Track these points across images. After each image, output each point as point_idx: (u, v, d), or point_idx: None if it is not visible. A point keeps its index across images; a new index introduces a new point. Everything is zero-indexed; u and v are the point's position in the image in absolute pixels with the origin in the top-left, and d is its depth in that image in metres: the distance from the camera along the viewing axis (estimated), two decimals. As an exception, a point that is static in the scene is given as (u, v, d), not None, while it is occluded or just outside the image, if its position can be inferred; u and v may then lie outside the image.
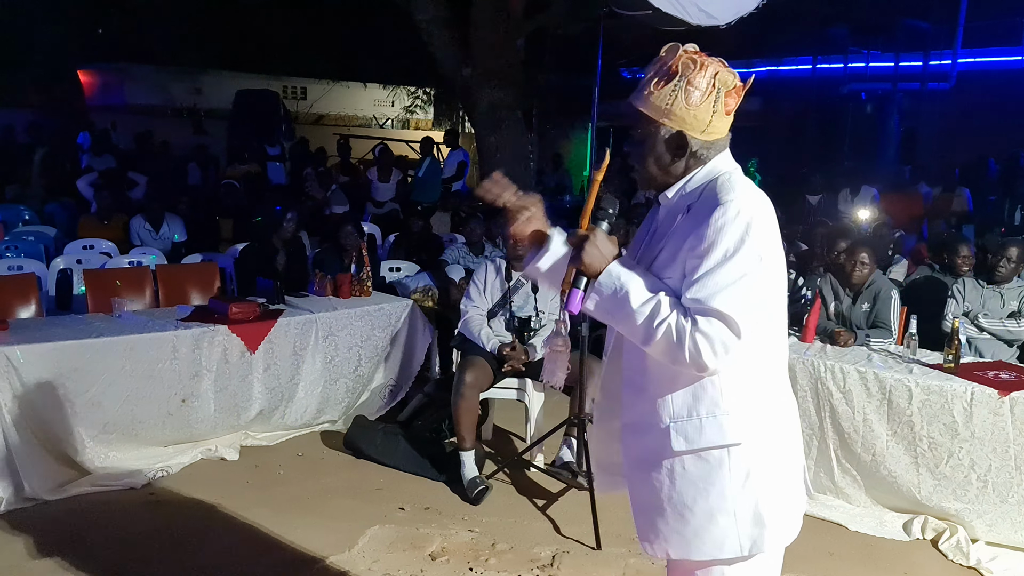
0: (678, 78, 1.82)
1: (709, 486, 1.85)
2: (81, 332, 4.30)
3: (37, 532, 3.70)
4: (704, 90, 1.82)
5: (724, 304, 1.73)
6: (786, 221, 8.18)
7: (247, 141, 12.87)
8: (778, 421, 1.91)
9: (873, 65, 15.25)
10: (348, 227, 6.09)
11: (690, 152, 1.88)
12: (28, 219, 8.46)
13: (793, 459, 1.95)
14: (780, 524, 1.89)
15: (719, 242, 1.75)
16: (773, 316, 1.85)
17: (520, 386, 4.75)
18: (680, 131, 1.86)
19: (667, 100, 1.83)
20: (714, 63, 1.84)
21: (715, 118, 1.85)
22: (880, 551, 3.87)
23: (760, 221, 1.78)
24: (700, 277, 1.76)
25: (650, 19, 4.38)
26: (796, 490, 1.95)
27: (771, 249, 1.80)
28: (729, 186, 1.83)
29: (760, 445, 1.86)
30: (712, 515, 1.85)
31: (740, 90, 1.87)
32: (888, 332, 4.57)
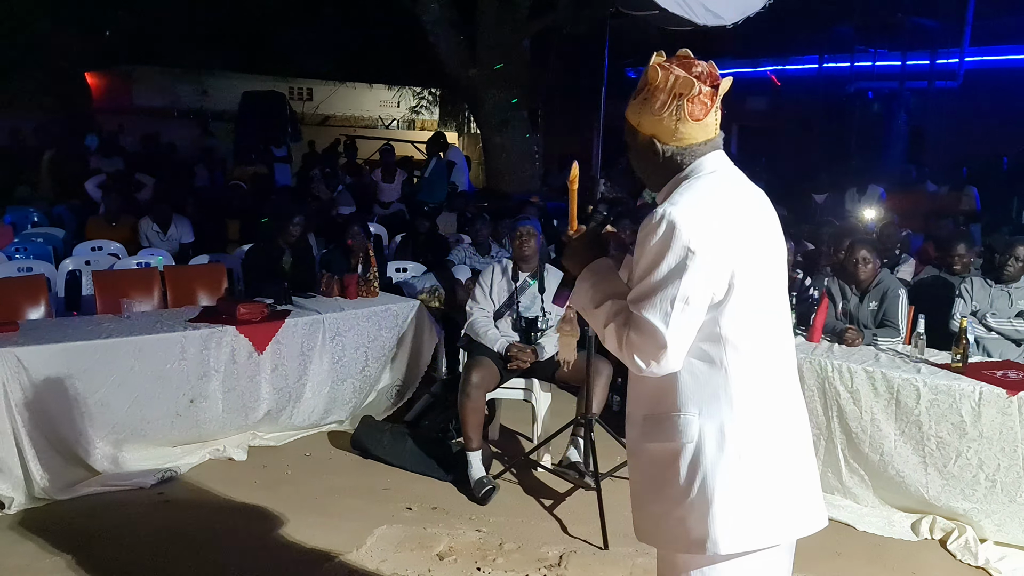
0: (646, 88, 1.91)
1: (666, 482, 1.90)
2: (90, 333, 4.32)
3: (48, 531, 3.73)
4: (663, 99, 1.89)
5: (649, 313, 1.80)
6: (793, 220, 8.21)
7: (254, 142, 12.91)
8: (751, 423, 1.86)
9: (880, 64, 15.18)
10: (355, 228, 6.11)
11: (664, 157, 1.94)
12: (37, 221, 8.50)
13: (774, 463, 1.89)
14: (734, 530, 1.84)
15: (645, 250, 1.82)
16: (741, 311, 1.84)
17: (527, 386, 4.76)
18: (651, 138, 1.94)
19: (640, 108, 1.93)
20: (678, 71, 1.87)
21: (680, 125, 1.89)
22: (888, 551, 3.86)
23: (688, 226, 1.78)
24: (635, 284, 1.86)
25: (656, 19, 4.38)
26: (776, 495, 1.88)
27: (707, 250, 1.78)
28: (677, 192, 1.89)
29: (716, 448, 1.84)
30: (668, 510, 1.90)
31: (709, 96, 1.89)
32: (896, 331, 4.57)
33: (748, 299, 1.85)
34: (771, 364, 1.92)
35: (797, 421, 1.97)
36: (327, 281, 5.45)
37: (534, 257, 4.79)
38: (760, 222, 1.93)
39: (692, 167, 1.93)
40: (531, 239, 4.77)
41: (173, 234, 7.52)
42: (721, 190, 1.89)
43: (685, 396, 1.87)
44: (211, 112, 21.24)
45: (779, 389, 1.93)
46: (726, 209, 1.85)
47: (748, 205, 1.93)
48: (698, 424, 1.85)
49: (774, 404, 1.91)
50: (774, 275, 1.94)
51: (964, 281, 4.98)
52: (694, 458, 1.86)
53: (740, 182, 1.97)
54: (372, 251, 5.61)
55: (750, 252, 1.86)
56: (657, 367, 1.82)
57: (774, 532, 1.89)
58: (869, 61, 15.26)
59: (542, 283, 4.75)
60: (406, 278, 6.61)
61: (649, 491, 1.96)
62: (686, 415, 1.86)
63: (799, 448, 1.96)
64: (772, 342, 1.92)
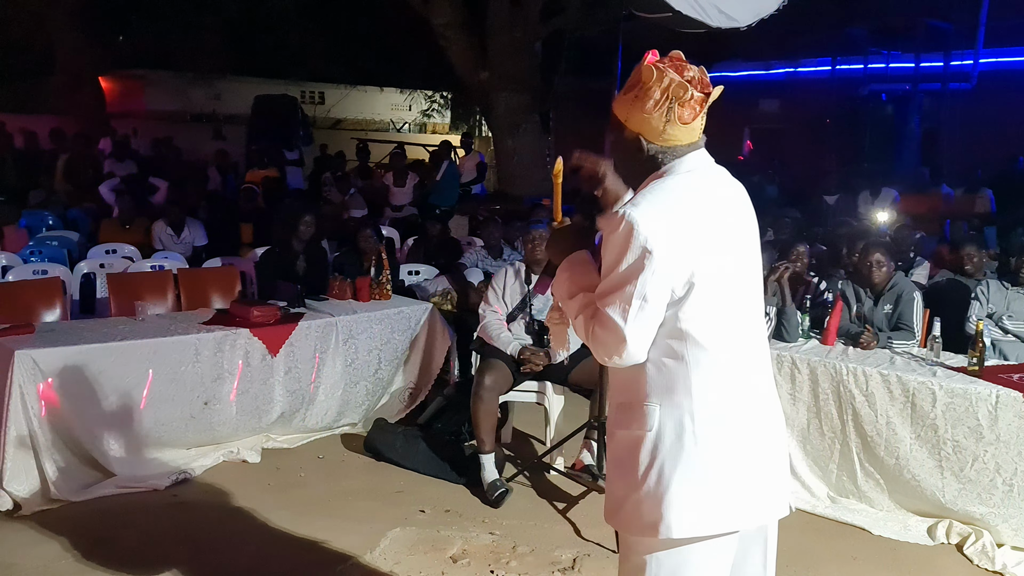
0: (639, 86, 1.94)
1: (629, 467, 1.98)
2: (105, 335, 4.34)
3: (63, 533, 3.74)
4: (656, 99, 1.93)
5: (610, 309, 1.89)
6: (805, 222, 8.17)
7: (266, 146, 12.96)
8: (713, 415, 1.92)
9: (893, 66, 15.13)
10: (367, 230, 6.12)
11: (647, 155, 1.99)
12: (52, 224, 8.55)
13: (736, 454, 1.95)
14: (686, 516, 1.91)
15: (607, 249, 1.91)
16: (705, 308, 1.91)
17: (540, 389, 4.75)
18: (638, 135, 1.98)
19: (628, 105, 1.97)
20: (673, 75, 1.92)
21: (668, 127, 1.95)
22: (904, 556, 3.84)
23: (646, 227, 1.84)
24: (601, 280, 1.94)
25: (669, 21, 4.37)
26: (734, 485, 1.94)
27: (664, 248, 1.84)
28: (641, 193, 1.95)
29: (674, 437, 1.92)
30: (626, 494, 1.98)
31: (700, 102, 1.95)
32: (911, 334, 4.54)
33: (711, 296, 1.93)
34: (735, 358, 1.98)
35: (763, 413, 2.03)
36: (340, 284, 5.45)
37: (546, 260, 4.78)
38: (729, 221, 2.00)
39: (669, 166, 1.98)
40: (543, 242, 4.76)
41: (186, 237, 7.56)
42: (686, 190, 1.95)
43: (650, 387, 1.96)
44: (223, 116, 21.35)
45: (743, 383, 1.99)
46: (687, 209, 1.91)
47: (716, 204, 1.98)
48: (659, 414, 1.94)
49: (736, 397, 1.97)
50: (742, 272, 2.01)
51: (980, 284, 4.95)
52: (653, 446, 1.94)
53: (715, 181, 2.02)
54: (384, 254, 5.62)
55: (713, 251, 1.93)
56: (620, 360, 1.92)
57: (728, 519, 1.95)
58: (882, 63, 15.21)
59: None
60: (418, 281, 6.62)
61: (615, 475, 2.05)
62: (650, 404, 1.95)
63: (762, 439, 2.01)
64: (737, 337, 1.99)
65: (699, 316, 1.92)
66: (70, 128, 15.13)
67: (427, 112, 27.57)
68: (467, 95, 17.93)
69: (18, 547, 3.62)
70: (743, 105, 14.97)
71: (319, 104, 26.64)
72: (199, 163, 13.03)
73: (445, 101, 26.74)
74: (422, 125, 28.28)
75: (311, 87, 26.10)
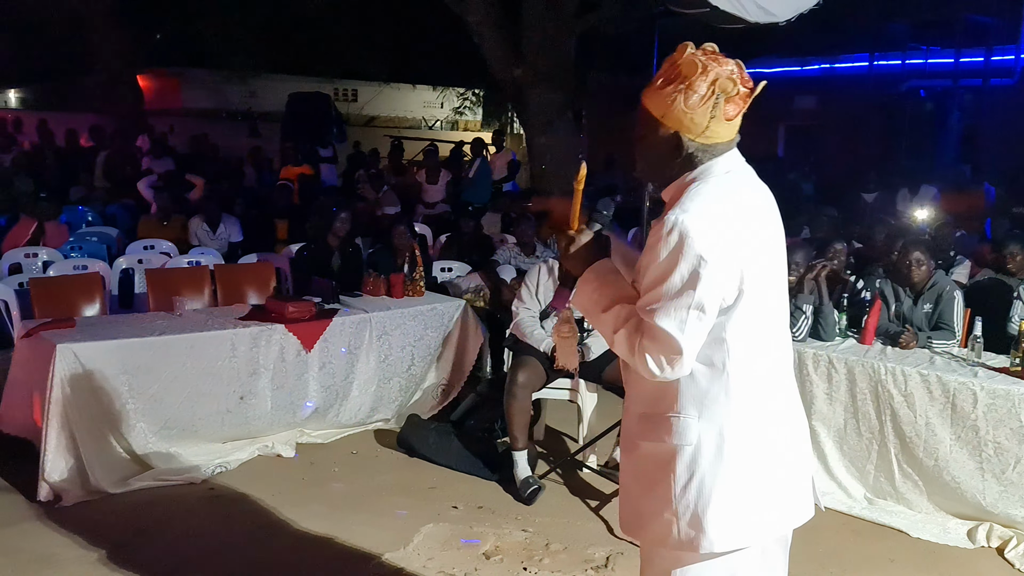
0: (680, 80, 1.84)
1: (657, 481, 1.92)
2: (144, 330, 4.40)
3: (102, 524, 3.80)
4: (703, 94, 1.84)
5: (663, 321, 1.80)
6: (843, 220, 8.06)
7: (300, 143, 13.06)
8: (747, 426, 1.89)
9: (932, 61, 14.88)
10: (401, 227, 6.14)
11: (685, 154, 1.90)
12: (91, 220, 8.69)
13: (768, 464, 1.92)
14: (725, 530, 1.87)
15: (656, 258, 1.81)
16: (745, 314, 1.86)
17: (573, 386, 4.74)
18: (677, 132, 1.88)
19: (668, 100, 1.86)
20: (719, 68, 1.84)
21: (713, 123, 1.86)
22: (943, 559, 3.78)
23: (700, 235, 1.78)
24: (645, 289, 1.85)
25: (707, 17, 4.32)
26: (767, 495, 1.91)
27: (718, 257, 1.78)
28: (687, 196, 1.86)
29: (713, 451, 1.87)
30: (658, 509, 1.92)
31: (744, 97, 1.87)
32: (951, 334, 4.46)
33: (754, 302, 1.88)
34: (769, 364, 1.95)
35: (792, 416, 2.00)
36: (374, 280, 5.48)
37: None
38: (766, 224, 1.94)
39: (703, 168, 1.91)
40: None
41: (222, 233, 7.64)
42: (730, 194, 1.88)
43: (685, 398, 1.89)
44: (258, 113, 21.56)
45: (776, 388, 1.96)
46: (735, 214, 1.85)
47: (756, 208, 1.93)
48: (697, 427, 1.88)
49: (771, 404, 1.94)
50: (776, 275, 1.97)
51: (1023, 283, 4.85)
52: (692, 460, 1.88)
53: (749, 183, 1.96)
54: (418, 251, 5.64)
55: (757, 255, 1.88)
56: (671, 373, 1.84)
57: (765, 529, 1.94)
58: (921, 59, 14.97)
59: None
60: (451, 278, 6.63)
61: (640, 488, 1.98)
62: (685, 417, 1.89)
63: (793, 444, 1.99)
64: (771, 341, 1.96)
65: (742, 323, 1.87)
66: (109, 126, 15.38)
67: (459, 109, 27.63)
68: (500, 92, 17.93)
69: (58, 537, 3.69)
70: (778, 102, 14.80)
71: (352, 101, 26.82)
72: (235, 160, 13.17)
73: (477, 98, 26.79)
74: (454, 122, 28.36)
75: (345, 84, 26.29)
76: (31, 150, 13.49)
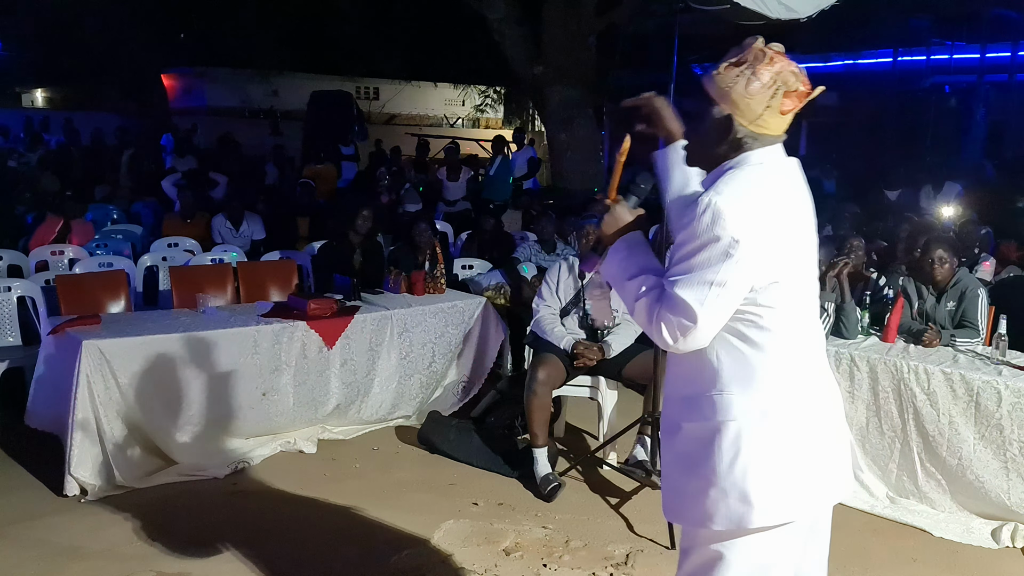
0: (746, 65, 1.89)
1: (702, 460, 1.94)
2: (168, 327, 4.45)
3: (127, 518, 3.85)
4: (765, 82, 1.88)
5: (683, 291, 1.85)
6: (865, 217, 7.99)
7: (322, 141, 13.12)
8: (788, 401, 1.93)
9: (957, 57, 14.73)
10: (422, 225, 6.17)
11: (734, 137, 1.94)
12: (116, 218, 8.79)
13: (809, 438, 1.95)
14: (773, 503, 1.90)
15: (687, 233, 1.86)
16: (780, 298, 1.90)
17: (593, 384, 4.74)
18: (730, 115, 1.92)
19: (729, 83, 1.90)
20: (785, 62, 1.89)
21: (767, 113, 1.90)
22: (966, 558, 3.75)
23: (733, 216, 1.82)
24: (672, 263, 1.91)
25: (728, 13, 4.30)
26: (810, 469, 1.95)
27: (751, 239, 1.82)
28: (722, 180, 1.90)
29: (757, 425, 1.91)
30: (703, 488, 1.94)
31: (802, 95, 1.92)
32: (975, 332, 4.42)
33: (788, 287, 1.91)
34: (805, 346, 1.99)
35: (828, 394, 2.03)
36: (395, 278, 5.51)
37: (601, 255, 4.76)
38: (801, 215, 1.98)
39: (742, 157, 1.95)
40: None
41: (245, 231, 7.71)
42: (766, 182, 1.92)
43: (727, 376, 1.93)
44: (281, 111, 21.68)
45: (812, 369, 2.00)
46: (770, 200, 1.89)
47: (791, 197, 1.97)
48: (740, 403, 1.91)
49: (809, 383, 1.98)
50: (809, 264, 2.01)
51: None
52: (736, 436, 1.91)
53: (787, 174, 1.99)
54: (439, 248, 5.66)
55: (791, 243, 1.92)
56: (684, 343, 1.88)
57: (811, 501, 1.97)
58: (946, 54, 14.82)
59: (609, 280, 4.71)
60: (472, 275, 6.65)
61: (684, 470, 2.00)
62: (728, 394, 1.92)
63: (831, 422, 2.02)
64: (806, 326, 1.99)
65: (778, 307, 1.90)
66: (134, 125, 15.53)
67: (480, 107, 27.65)
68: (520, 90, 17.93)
69: (84, 531, 3.74)
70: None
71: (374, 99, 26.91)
72: (257, 158, 13.26)
73: (498, 96, 26.79)
74: (475, 120, 28.38)
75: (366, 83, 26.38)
76: (57, 149, 13.65)
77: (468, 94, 27.49)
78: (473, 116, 28.36)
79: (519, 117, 25.05)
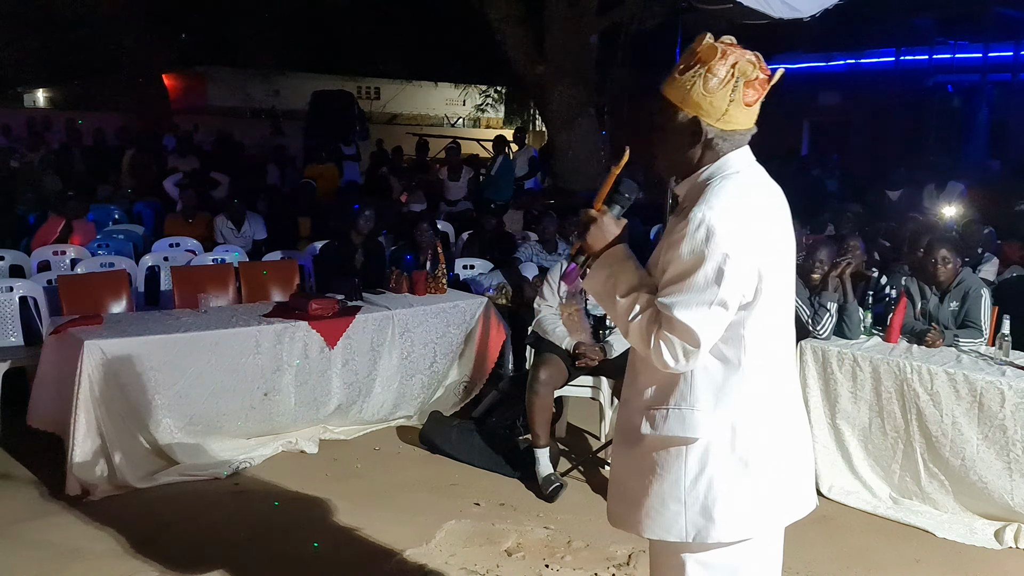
0: (699, 64, 1.86)
1: (665, 473, 1.94)
2: (170, 327, 4.45)
3: (128, 518, 3.85)
4: (722, 77, 1.86)
5: (684, 315, 1.82)
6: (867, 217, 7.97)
7: (323, 141, 13.12)
8: (756, 420, 1.92)
9: (960, 56, 14.70)
10: (424, 225, 6.16)
11: (704, 140, 1.92)
12: (118, 218, 8.78)
13: (774, 457, 1.95)
14: (733, 521, 1.91)
15: (682, 252, 1.83)
16: (758, 314, 1.89)
17: (594, 384, 4.74)
18: (695, 117, 1.90)
19: (687, 85, 1.87)
20: (738, 54, 1.86)
21: (732, 107, 1.88)
22: (969, 559, 3.74)
23: (726, 232, 1.80)
24: (667, 283, 1.86)
25: (730, 13, 4.30)
26: (773, 488, 1.94)
27: (742, 255, 1.81)
28: (711, 193, 1.87)
29: (725, 443, 1.90)
30: (664, 500, 1.94)
31: (763, 83, 1.89)
32: (978, 332, 4.41)
33: (769, 300, 1.90)
34: (778, 360, 1.98)
35: (795, 410, 2.04)
36: (396, 278, 5.50)
37: (602, 255, 4.75)
38: (780, 224, 1.97)
39: (717, 165, 1.92)
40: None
41: (247, 231, 7.70)
42: (750, 193, 1.91)
43: (699, 391, 1.91)
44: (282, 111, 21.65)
45: (783, 384, 2.00)
46: (756, 213, 1.89)
47: (772, 207, 1.96)
48: (710, 420, 1.90)
49: (779, 400, 1.98)
50: (787, 274, 2.00)
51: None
52: (704, 453, 1.90)
53: (764, 182, 1.98)
54: (440, 248, 5.65)
55: (773, 255, 1.91)
56: (685, 365, 1.86)
57: (771, 520, 1.98)
58: (949, 53, 14.78)
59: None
60: (473, 275, 6.64)
61: (642, 481, 1.98)
62: (698, 411, 1.90)
63: (796, 438, 2.03)
64: (781, 339, 1.99)
65: (758, 321, 1.90)
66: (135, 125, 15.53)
67: (481, 107, 27.62)
68: (522, 89, 17.91)
69: (86, 531, 3.74)
70: (803, 98, 14.68)
71: (375, 99, 26.86)
72: (259, 158, 13.25)
73: (499, 96, 26.76)
74: (476, 120, 28.35)
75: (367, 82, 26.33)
76: (59, 149, 13.64)
77: (469, 94, 27.45)
78: (474, 116, 28.32)
79: (520, 117, 25.03)
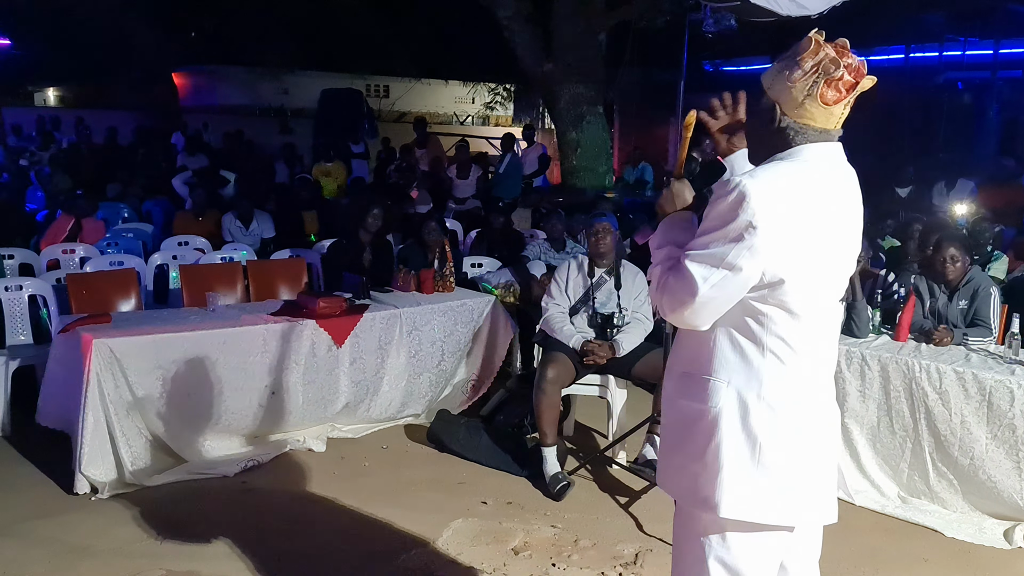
0: (793, 55, 1.91)
1: (687, 437, 2.01)
2: (178, 325, 4.45)
3: (137, 517, 3.87)
4: (806, 71, 1.88)
5: (692, 265, 1.89)
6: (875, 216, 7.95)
7: (332, 139, 13.13)
8: (774, 406, 1.91)
9: (970, 53, 14.61)
10: (431, 223, 6.16)
11: (778, 126, 1.94)
12: (127, 217, 8.81)
13: (793, 451, 1.94)
14: (737, 498, 1.92)
15: (711, 212, 1.89)
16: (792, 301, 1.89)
17: (602, 383, 4.73)
18: (775, 104, 1.93)
19: (776, 72, 1.94)
20: (831, 51, 1.88)
21: (808, 102, 1.89)
22: (978, 559, 3.72)
23: (757, 201, 1.81)
24: (695, 237, 1.94)
25: (738, 10, 4.28)
26: (789, 480, 1.94)
27: (770, 229, 1.82)
28: (762, 167, 1.94)
29: (735, 418, 1.92)
30: (685, 463, 2.02)
31: (847, 86, 1.89)
32: (987, 331, 4.38)
33: (803, 291, 1.90)
34: (809, 362, 1.97)
35: (825, 419, 2.02)
36: (404, 276, 5.50)
37: (610, 253, 4.76)
38: (838, 220, 1.95)
39: (796, 150, 1.93)
40: (607, 235, 4.74)
41: (255, 229, 7.72)
42: (806, 179, 1.90)
43: (719, 363, 1.96)
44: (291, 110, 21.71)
45: (813, 384, 1.99)
46: (802, 196, 1.88)
47: (830, 199, 1.94)
48: (725, 392, 1.94)
49: (804, 397, 1.96)
50: (837, 276, 1.99)
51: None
52: (713, 422, 1.95)
53: (833, 177, 1.96)
54: (448, 246, 5.65)
55: (818, 246, 1.90)
56: (682, 315, 1.93)
57: (780, 513, 1.95)
58: (959, 50, 14.70)
59: (618, 279, 4.71)
60: (481, 273, 6.64)
61: (672, 443, 2.09)
62: (716, 380, 1.96)
63: (820, 444, 2.01)
64: (815, 342, 1.97)
65: (788, 307, 1.91)
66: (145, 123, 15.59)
67: (490, 105, 27.64)
68: (530, 87, 17.91)
69: (95, 529, 3.75)
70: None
71: (384, 97, 26.92)
72: (268, 156, 13.28)
73: (508, 94, 26.78)
74: (485, 118, 28.37)
75: (376, 80, 26.39)
76: (69, 148, 13.71)
77: (478, 92, 27.49)
78: (483, 114, 28.36)
79: (529, 115, 25.03)
